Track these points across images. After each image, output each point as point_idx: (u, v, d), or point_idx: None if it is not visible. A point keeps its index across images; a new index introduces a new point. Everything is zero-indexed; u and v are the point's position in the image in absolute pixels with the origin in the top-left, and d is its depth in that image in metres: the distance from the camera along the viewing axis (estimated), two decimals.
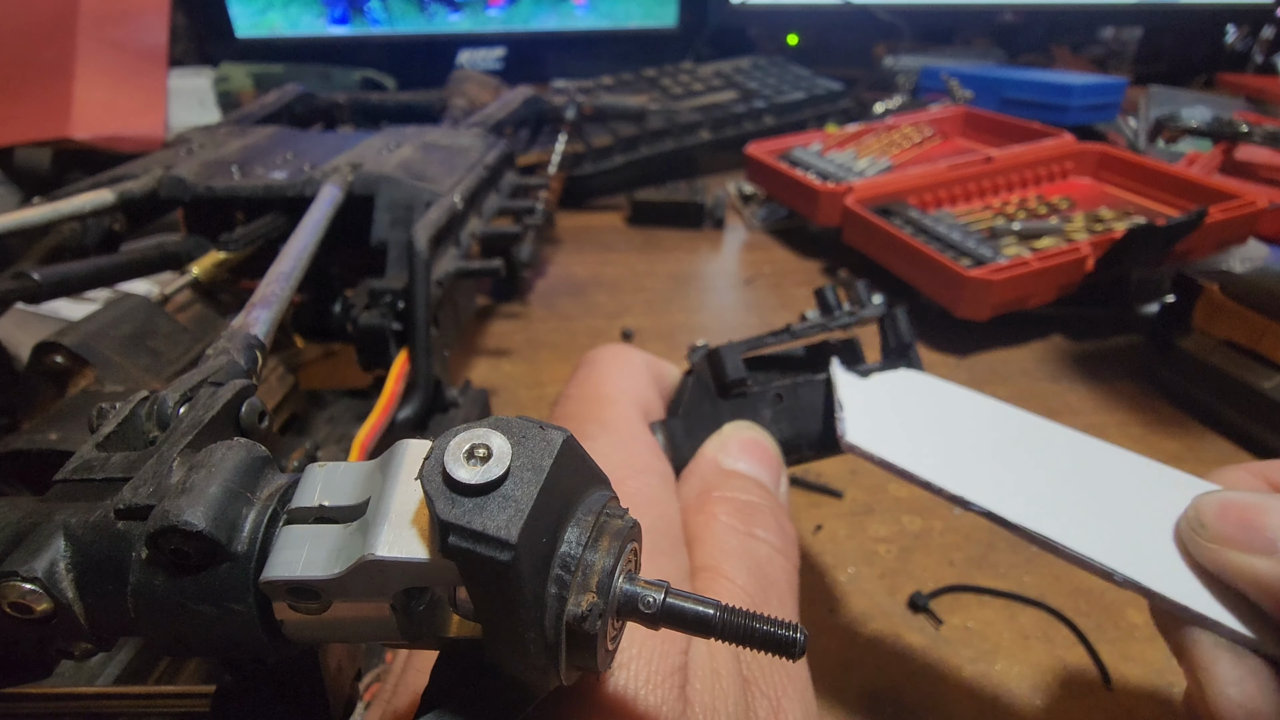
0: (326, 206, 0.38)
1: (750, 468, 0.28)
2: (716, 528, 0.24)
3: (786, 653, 0.15)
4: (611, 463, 0.25)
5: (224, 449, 0.15)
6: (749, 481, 0.27)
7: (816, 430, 0.30)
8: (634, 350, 0.32)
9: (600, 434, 0.26)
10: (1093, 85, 0.97)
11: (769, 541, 0.25)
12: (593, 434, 0.26)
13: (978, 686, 0.34)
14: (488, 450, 0.13)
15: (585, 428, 0.27)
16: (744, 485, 0.27)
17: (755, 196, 0.89)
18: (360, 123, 0.75)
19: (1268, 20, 1.32)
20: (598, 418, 0.27)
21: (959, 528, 0.42)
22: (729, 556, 0.23)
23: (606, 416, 0.27)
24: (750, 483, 0.27)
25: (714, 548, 0.24)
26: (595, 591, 0.14)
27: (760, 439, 0.29)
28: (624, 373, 0.30)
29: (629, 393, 0.29)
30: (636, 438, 0.27)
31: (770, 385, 0.30)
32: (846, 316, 0.32)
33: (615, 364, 0.30)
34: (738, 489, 0.26)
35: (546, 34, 1.21)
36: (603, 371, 0.30)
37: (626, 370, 0.30)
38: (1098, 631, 0.36)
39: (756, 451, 0.28)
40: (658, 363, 0.32)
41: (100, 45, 0.78)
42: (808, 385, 0.30)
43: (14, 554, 0.14)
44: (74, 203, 0.40)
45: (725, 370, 0.30)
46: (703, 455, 0.28)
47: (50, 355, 0.30)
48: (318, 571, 0.14)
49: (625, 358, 0.31)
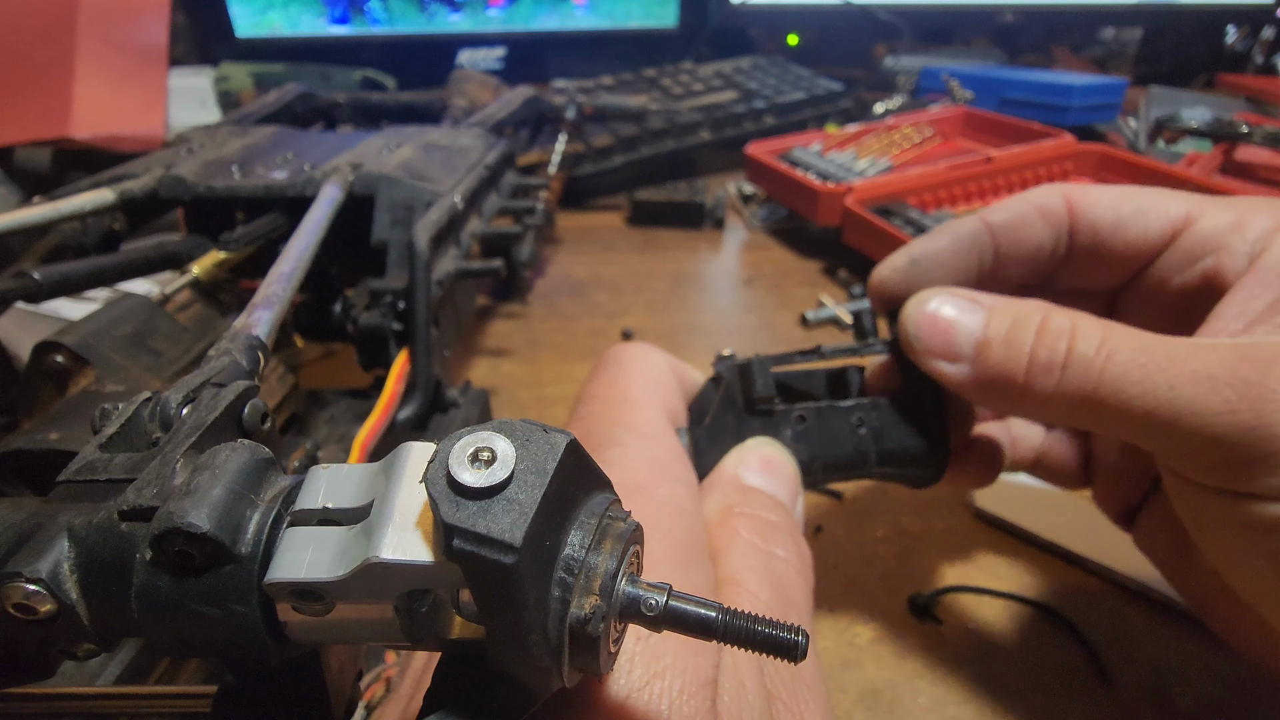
0: (327, 206, 0.38)
1: (771, 485, 0.28)
2: (739, 543, 0.25)
3: (788, 655, 0.15)
4: (643, 470, 0.25)
5: (227, 450, 0.15)
6: (769, 499, 0.27)
7: (835, 456, 0.30)
8: (657, 351, 0.31)
9: (629, 439, 0.26)
10: (1093, 86, 0.97)
11: (788, 561, 0.25)
12: (621, 439, 0.26)
13: (978, 686, 0.34)
14: (492, 453, 0.13)
15: (614, 432, 0.26)
16: (765, 503, 0.27)
17: (755, 196, 0.89)
18: (360, 123, 0.75)
19: (1268, 21, 1.32)
20: (626, 422, 0.27)
21: (959, 528, 0.42)
22: (751, 570, 0.24)
23: (635, 421, 0.27)
24: (770, 501, 0.27)
25: (737, 562, 0.24)
26: (598, 594, 0.14)
27: (781, 458, 0.29)
28: (650, 375, 0.30)
29: (656, 397, 0.29)
30: (666, 445, 0.27)
31: (795, 406, 0.30)
32: (881, 345, 0.32)
33: (641, 364, 0.30)
34: (759, 506, 0.26)
35: (546, 34, 1.21)
36: (630, 372, 0.29)
37: (652, 372, 0.30)
38: (1098, 632, 0.36)
39: (777, 470, 0.28)
40: (680, 365, 0.32)
41: (100, 45, 0.78)
42: (831, 411, 0.30)
43: (18, 555, 0.14)
44: (74, 202, 0.40)
45: (755, 387, 0.30)
46: (724, 469, 0.28)
47: (50, 355, 0.30)
48: (321, 573, 0.14)
49: (650, 358, 0.31)
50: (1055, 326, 0.25)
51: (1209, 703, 0.33)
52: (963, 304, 0.28)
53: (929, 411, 0.30)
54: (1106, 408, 0.24)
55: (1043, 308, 0.26)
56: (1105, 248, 0.30)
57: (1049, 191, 0.31)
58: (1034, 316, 0.26)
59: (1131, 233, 0.29)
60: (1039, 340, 0.25)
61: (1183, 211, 0.29)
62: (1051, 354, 0.25)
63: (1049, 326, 0.25)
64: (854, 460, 0.30)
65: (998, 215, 0.31)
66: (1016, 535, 0.41)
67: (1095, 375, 0.24)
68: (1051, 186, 0.32)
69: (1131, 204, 0.30)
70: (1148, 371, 0.23)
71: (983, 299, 0.28)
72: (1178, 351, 0.23)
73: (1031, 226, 0.31)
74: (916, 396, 0.30)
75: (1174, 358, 0.23)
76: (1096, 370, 0.24)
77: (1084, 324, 0.25)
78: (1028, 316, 0.26)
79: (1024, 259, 0.31)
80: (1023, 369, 0.25)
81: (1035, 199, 0.31)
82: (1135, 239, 0.29)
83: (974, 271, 0.31)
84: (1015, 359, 0.26)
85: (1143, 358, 0.23)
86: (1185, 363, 0.23)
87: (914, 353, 0.28)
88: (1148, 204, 0.29)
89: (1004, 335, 0.26)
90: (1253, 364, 0.22)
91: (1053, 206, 0.31)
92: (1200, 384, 0.22)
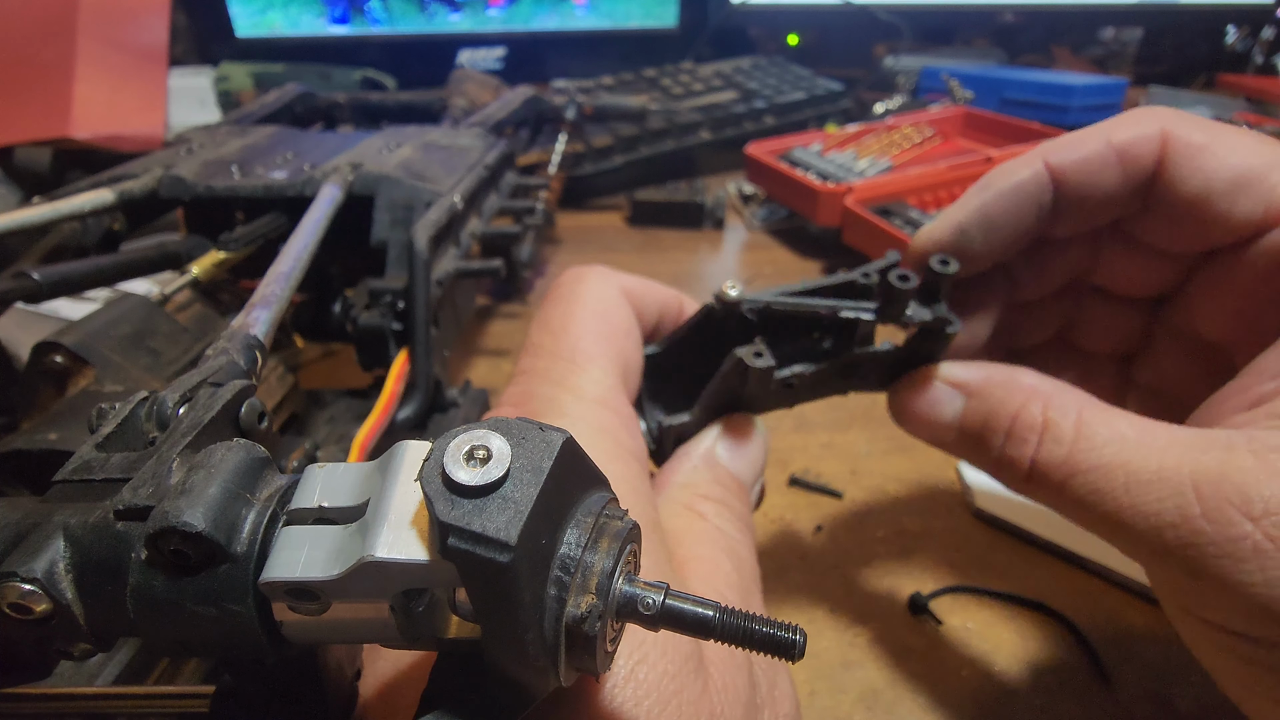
0: (326, 206, 0.38)
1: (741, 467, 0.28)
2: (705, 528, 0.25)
3: (786, 654, 0.15)
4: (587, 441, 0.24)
5: (223, 450, 0.15)
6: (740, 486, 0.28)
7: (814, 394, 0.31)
8: (612, 278, 0.29)
9: (575, 406, 0.24)
10: (1093, 86, 0.97)
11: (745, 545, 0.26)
12: (566, 406, 0.24)
13: (978, 686, 0.34)
14: (487, 452, 0.13)
15: (558, 396, 0.24)
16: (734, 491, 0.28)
17: (755, 196, 0.89)
18: (360, 122, 0.75)
19: (1268, 21, 1.32)
20: (572, 385, 0.25)
21: (959, 528, 0.42)
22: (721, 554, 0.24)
23: (582, 384, 0.25)
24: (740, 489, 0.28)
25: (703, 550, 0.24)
26: (594, 593, 0.14)
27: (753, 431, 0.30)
28: (603, 318, 0.27)
29: (608, 347, 0.26)
30: (615, 410, 0.25)
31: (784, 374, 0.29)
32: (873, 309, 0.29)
33: (593, 304, 0.27)
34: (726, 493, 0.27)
35: (547, 34, 1.21)
36: (579, 316, 0.27)
37: (606, 313, 0.27)
38: (1098, 631, 0.36)
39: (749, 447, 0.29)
40: (637, 287, 0.29)
41: (100, 45, 0.78)
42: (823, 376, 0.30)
43: (13, 555, 0.14)
44: (74, 202, 0.40)
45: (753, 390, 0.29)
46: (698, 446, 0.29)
47: (50, 355, 0.30)
48: (317, 573, 0.14)
49: (602, 294, 0.28)
50: (1025, 421, 0.25)
51: (1209, 703, 0.33)
52: (942, 394, 0.28)
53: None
54: (1074, 510, 0.23)
55: (1021, 393, 0.25)
56: (1199, 215, 0.25)
57: (1136, 123, 0.25)
58: (1005, 410, 0.25)
59: (1238, 206, 0.24)
60: (1008, 440, 0.25)
61: None
62: (1019, 453, 0.25)
63: (1021, 420, 0.25)
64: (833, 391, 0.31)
65: (1063, 154, 0.26)
66: (1016, 535, 0.41)
67: (1060, 478, 0.23)
68: (1147, 117, 0.25)
69: (1244, 161, 0.24)
70: (1109, 472, 0.22)
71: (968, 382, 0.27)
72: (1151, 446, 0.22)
73: (1106, 172, 0.26)
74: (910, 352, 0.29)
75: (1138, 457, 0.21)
76: (1063, 473, 0.23)
77: (1056, 421, 0.24)
78: (999, 410, 0.26)
79: (1089, 212, 0.27)
80: (994, 467, 0.26)
81: (1116, 134, 0.26)
82: (1241, 214, 0.24)
83: (1030, 232, 0.27)
84: (987, 457, 0.26)
85: (1107, 456, 0.22)
86: (1146, 461, 0.21)
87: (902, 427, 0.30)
88: (1265, 165, 0.24)
89: (977, 429, 0.26)
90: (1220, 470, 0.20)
91: (1138, 151, 0.25)
92: (1154, 488, 0.21)
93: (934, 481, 0.46)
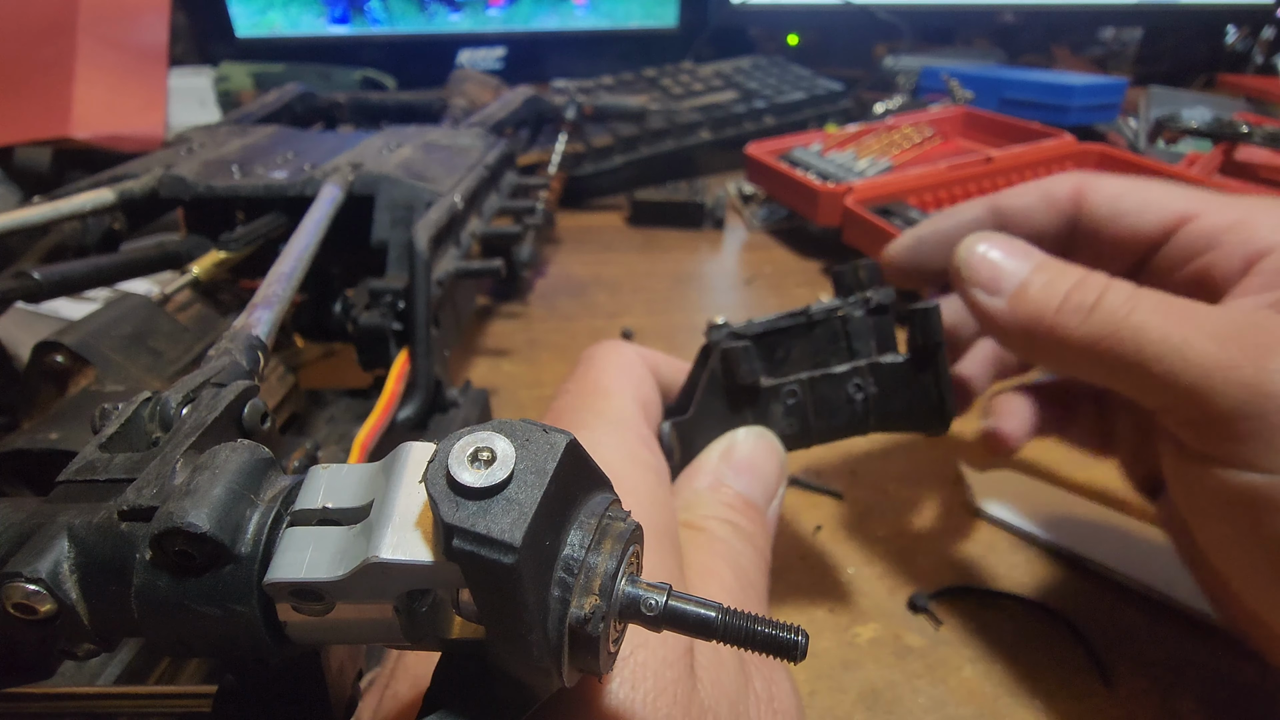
0: (327, 206, 0.38)
1: (749, 487, 0.28)
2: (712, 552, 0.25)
3: (788, 655, 0.15)
4: (608, 454, 0.25)
5: (227, 450, 0.15)
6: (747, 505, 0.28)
7: (832, 425, 0.30)
8: (631, 345, 0.32)
9: (598, 425, 0.27)
10: (1093, 86, 0.97)
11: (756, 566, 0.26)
12: (589, 424, 0.27)
13: (978, 686, 0.34)
14: (491, 453, 0.13)
15: (582, 417, 0.27)
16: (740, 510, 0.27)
17: (755, 196, 0.89)
18: (360, 122, 0.75)
19: (1268, 21, 1.32)
20: (597, 409, 0.28)
21: (959, 528, 0.42)
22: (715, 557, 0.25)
23: (606, 408, 0.28)
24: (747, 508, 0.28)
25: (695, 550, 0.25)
26: (598, 594, 0.14)
27: (764, 453, 0.29)
28: (622, 367, 0.31)
29: (627, 387, 0.29)
30: (635, 431, 0.27)
31: (786, 381, 0.30)
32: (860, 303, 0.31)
33: (612, 359, 0.31)
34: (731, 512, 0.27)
35: (546, 34, 1.21)
36: (601, 365, 0.30)
37: (624, 365, 0.31)
38: (1098, 631, 0.36)
39: (758, 469, 0.29)
40: (654, 356, 0.33)
41: (100, 45, 0.78)
42: (826, 380, 0.30)
43: (18, 555, 0.14)
44: (74, 202, 0.40)
45: (739, 374, 0.29)
46: (707, 461, 0.29)
47: (50, 355, 0.30)
48: (321, 573, 0.14)
49: (622, 353, 0.32)
50: (1092, 280, 0.28)
51: (1209, 703, 0.33)
52: (1017, 248, 0.31)
53: (929, 372, 0.29)
54: (1122, 354, 0.26)
55: (1084, 269, 0.29)
56: (1103, 238, 0.32)
57: (1062, 180, 0.34)
58: (1076, 271, 0.29)
59: (1126, 225, 0.32)
60: (1075, 286, 0.28)
61: (1183, 208, 0.30)
62: (1083, 298, 0.27)
63: (1087, 280, 0.28)
64: (851, 425, 0.30)
65: (1008, 200, 0.34)
66: (1016, 535, 0.41)
67: (1118, 320, 0.26)
68: (1067, 175, 0.34)
69: (1136, 197, 0.32)
70: (1166, 323, 0.25)
71: (1035, 252, 0.30)
72: (1196, 311, 0.25)
73: (1038, 212, 0.34)
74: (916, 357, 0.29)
75: (1191, 315, 0.25)
76: (1120, 316, 0.26)
77: (1118, 283, 0.28)
78: (1070, 269, 0.29)
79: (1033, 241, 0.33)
80: (1054, 308, 0.28)
81: (1047, 186, 0.34)
82: (1129, 231, 0.32)
83: None
84: (1049, 298, 0.28)
85: (1163, 311, 0.26)
86: (1200, 321, 0.25)
87: (959, 282, 0.31)
88: (1153, 198, 0.31)
89: (1045, 279, 0.29)
90: (1260, 329, 0.24)
91: (1060, 195, 0.33)
92: (1210, 340, 0.24)
93: (934, 481, 0.46)
